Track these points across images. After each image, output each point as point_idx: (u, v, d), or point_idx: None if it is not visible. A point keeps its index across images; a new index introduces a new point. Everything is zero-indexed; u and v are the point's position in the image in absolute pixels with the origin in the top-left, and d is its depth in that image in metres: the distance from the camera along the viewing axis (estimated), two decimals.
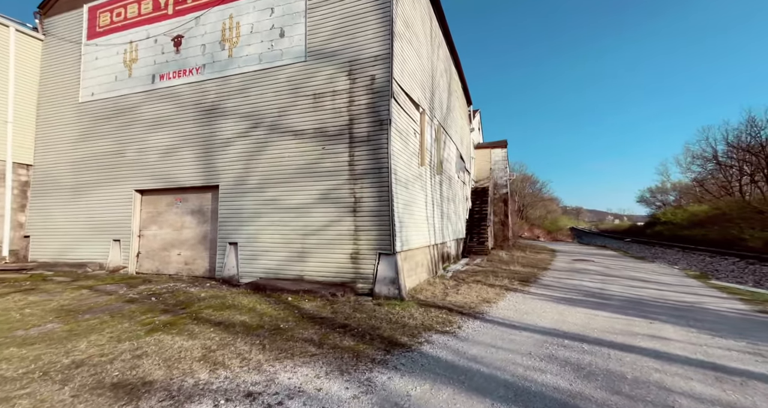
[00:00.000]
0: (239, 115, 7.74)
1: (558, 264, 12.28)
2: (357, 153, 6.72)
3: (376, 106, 6.64)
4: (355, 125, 6.78)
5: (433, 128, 10.01)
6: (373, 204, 6.53)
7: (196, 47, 8.35)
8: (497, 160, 22.27)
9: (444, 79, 11.77)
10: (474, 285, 7.70)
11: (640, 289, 7.68)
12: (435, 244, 9.72)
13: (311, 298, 5.91)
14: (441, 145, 11.17)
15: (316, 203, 6.94)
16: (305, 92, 7.21)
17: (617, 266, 12.15)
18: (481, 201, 18.09)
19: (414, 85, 8.14)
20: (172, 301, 5.57)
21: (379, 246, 6.41)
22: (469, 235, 16.31)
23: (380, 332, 4.21)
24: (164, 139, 8.48)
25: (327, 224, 6.82)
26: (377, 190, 6.52)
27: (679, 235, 25.98)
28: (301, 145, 7.15)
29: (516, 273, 9.67)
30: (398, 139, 6.94)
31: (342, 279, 6.60)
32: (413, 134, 8.05)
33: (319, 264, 6.80)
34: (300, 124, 7.19)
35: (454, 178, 13.86)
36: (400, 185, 6.93)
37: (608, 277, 9.49)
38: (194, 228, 8.28)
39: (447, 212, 12.05)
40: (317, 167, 6.99)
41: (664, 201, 46.24)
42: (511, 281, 8.31)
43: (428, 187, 9.34)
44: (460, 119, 15.43)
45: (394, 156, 6.61)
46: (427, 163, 9.34)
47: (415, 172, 8.13)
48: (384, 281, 6.26)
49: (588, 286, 7.92)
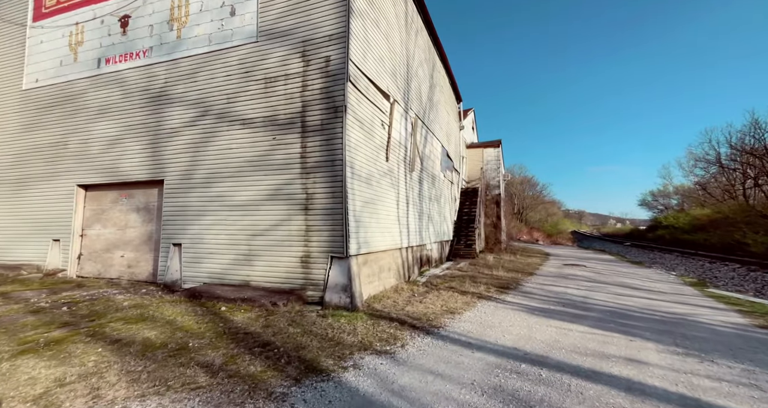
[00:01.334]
0: (187, 103, 7.11)
1: (546, 269, 11.64)
2: (309, 144, 6.09)
3: (331, 91, 6.01)
4: (308, 113, 6.15)
5: (408, 121, 9.39)
6: (326, 201, 5.90)
7: (144, 28, 7.71)
8: (489, 160, 21.66)
9: (424, 70, 11.16)
10: (445, 292, 7.06)
11: (628, 299, 7.05)
12: (409, 247, 9.08)
13: (248, 308, 5.27)
14: (420, 141, 10.55)
15: (265, 200, 6.31)
16: (256, 76, 6.58)
17: (609, 272, 11.52)
18: (471, 202, 17.46)
19: (382, 72, 7.52)
20: (84, 312, 4.91)
21: (332, 248, 5.77)
22: (456, 238, 15.67)
23: (304, 353, 3.57)
24: (109, 129, 7.84)
25: (276, 223, 6.18)
26: (330, 185, 5.89)
27: (680, 239, 25.38)
28: (250, 136, 6.52)
29: (497, 278, 9.02)
30: (357, 129, 6.32)
31: (291, 285, 5.96)
32: (380, 126, 7.43)
33: (266, 268, 6.16)
34: (250, 111, 6.56)
35: (439, 176, 13.24)
36: (360, 180, 6.30)
37: (597, 283, 8.85)
38: (139, 227, 7.63)
39: (428, 213, 11.42)
40: (267, 160, 6.35)
41: (666, 204, 45.65)
42: (488, 288, 7.67)
43: (401, 184, 8.71)
44: (447, 115, 14.81)
45: (350, 147, 5.98)
46: (400, 159, 8.71)
47: (382, 168, 7.49)
48: (335, 288, 5.62)
49: (571, 295, 7.28)
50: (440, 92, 13.56)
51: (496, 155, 21.66)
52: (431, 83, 12.08)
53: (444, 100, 14.30)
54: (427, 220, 11.29)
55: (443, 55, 13.79)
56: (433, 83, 12.39)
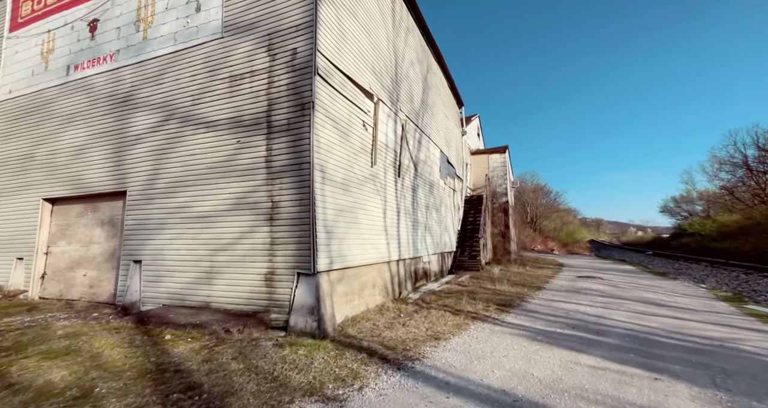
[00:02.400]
0: (152, 107, 6.64)
1: (557, 282, 10.64)
2: (275, 145, 5.47)
3: (298, 87, 5.42)
4: (274, 111, 5.56)
5: (397, 123, 8.76)
6: (292, 209, 5.23)
7: (111, 31, 7.36)
8: (495, 167, 20.82)
9: (416, 71, 10.58)
10: (436, 311, 6.23)
11: (651, 319, 6.09)
12: (400, 260, 8.30)
13: (198, 335, 4.57)
14: (413, 144, 9.88)
15: (228, 210, 5.69)
16: (221, 75, 6.07)
17: (629, 285, 10.45)
18: (476, 210, 16.58)
19: (363, 69, 6.94)
20: (7, 344, 4.29)
21: (299, 264, 5.07)
22: (460, 249, 14.78)
23: (230, 402, 2.84)
24: (76, 139, 7.42)
25: (239, 236, 5.53)
26: (297, 191, 5.23)
27: (707, 247, 23.78)
28: (214, 139, 5.96)
29: (499, 294, 8.13)
30: (331, 128, 5.69)
31: (254, 307, 5.26)
32: (361, 127, 6.80)
33: (228, 288, 5.48)
34: (215, 113, 6.02)
35: (438, 183, 12.50)
36: (333, 186, 5.64)
37: (614, 299, 7.87)
38: (103, 243, 7.09)
39: (426, 222, 10.65)
40: (231, 165, 5.76)
41: (691, 211, 43.54)
42: (487, 306, 6.80)
43: (390, 191, 8.01)
44: (446, 119, 14.16)
45: (321, 149, 5.34)
46: (388, 163, 8.04)
47: (364, 173, 6.83)
48: (301, 311, 4.89)
49: (583, 314, 6.36)
50: (437, 95, 12.95)
51: (502, 161, 20.81)
52: (425, 85, 11.49)
53: (442, 104, 13.68)
54: (424, 230, 10.52)
55: (440, 57, 13.24)
56: (428, 85, 11.79)
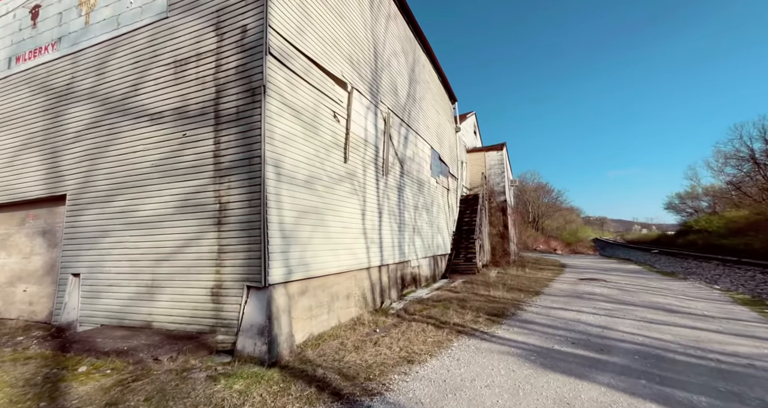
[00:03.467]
0: (94, 100, 5.96)
1: (558, 285, 9.92)
2: (224, 138, 4.79)
3: (248, 69, 4.74)
4: (222, 99, 4.88)
5: (378, 117, 8.08)
6: (242, 212, 4.54)
7: (53, 17, 6.70)
8: (492, 164, 20.14)
9: (400, 62, 9.91)
10: (417, 325, 5.52)
11: (662, 329, 5.37)
12: (383, 266, 7.60)
13: (120, 365, 3.86)
14: (398, 140, 9.21)
15: (172, 213, 4.99)
16: (165, 60, 5.39)
17: (636, 287, 9.72)
18: (471, 210, 15.88)
19: (334, 54, 6.28)
20: None
21: (249, 275, 4.37)
22: (455, 251, 14.07)
23: None
24: (14, 139, 6.75)
25: (184, 244, 4.83)
26: (247, 190, 4.54)
27: (715, 244, 23.03)
28: (158, 133, 5.28)
29: (493, 301, 7.42)
30: (289, 118, 5.01)
31: (199, 327, 4.55)
32: (331, 118, 6.12)
33: (171, 303, 4.78)
34: (159, 103, 5.34)
35: (429, 182, 11.82)
36: (293, 184, 4.95)
37: (620, 305, 7.15)
38: (44, 254, 6.40)
39: (414, 224, 9.96)
40: (176, 162, 5.08)
41: (696, 207, 42.77)
42: (477, 316, 6.09)
43: (369, 191, 7.32)
44: (437, 115, 13.49)
45: (275, 141, 4.66)
46: (367, 160, 7.36)
47: (337, 171, 6.15)
48: (250, 331, 4.18)
49: (585, 324, 5.65)
50: (426, 90, 12.29)
51: (499, 159, 20.14)
52: (412, 78, 10.82)
53: (432, 99, 13.02)
54: (412, 232, 9.82)
55: (429, 50, 12.60)
56: (415, 78, 11.13)
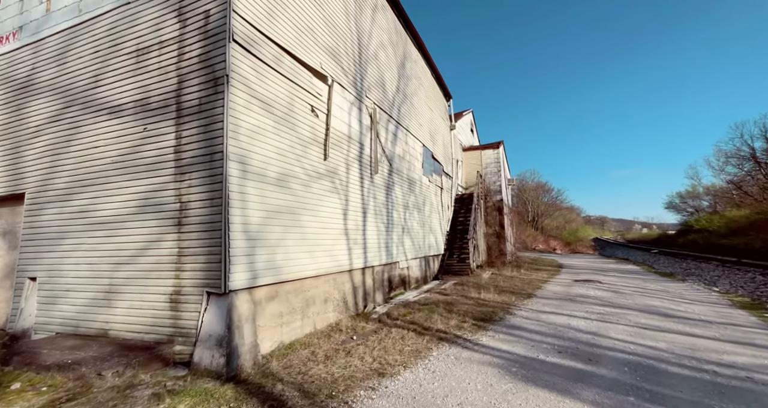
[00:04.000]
0: (54, 92, 5.63)
1: (551, 287, 9.61)
2: (186, 132, 4.47)
3: (210, 57, 4.42)
4: (184, 90, 4.56)
5: (363, 112, 7.76)
6: (203, 212, 4.22)
7: (14, 5, 6.37)
8: (489, 163, 19.83)
9: (388, 55, 9.58)
10: (398, 331, 5.22)
11: (657, 335, 5.07)
12: (367, 268, 7.30)
13: (60, 381, 3.54)
14: (387, 137, 8.89)
15: (133, 213, 4.67)
16: (127, 48, 5.07)
17: (631, 289, 9.42)
18: (466, 210, 15.58)
19: (310, 44, 5.95)
20: None
21: (209, 281, 4.06)
22: (448, 251, 13.77)
23: None
24: None
25: (144, 246, 4.51)
26: (209, 188, 4.23)
27: (716, 244, 22.75)
28: (119, 127, 4.95)
29: (483, 304, 7.11)
30: (258, 111, 4.69)
31: (157, 336, 4.24)
32: (308, 112, 5.80)
33: (129, 311, 4.46)
34: (120, 95, 5.01)
35: (421, 181, 11.51)
36: (261, 182, 4.63)
37: (613, 309, 6.85)
38: (4, 256, 6.06)
39: (404, 224, 9.65)
40: (137, 158, 4.75)
41: (697, 207, 42.47)
42: (463, 321, 5.79)
43: (353, 189, 7.01)
44: (430, 112, 13.17)
45: (240, 135, 4.34)
46: (351, 157, 7.05)
47: (316, 168, 5.83)
48: (208, 342, 3.87)
49: (575, 331, 5.34)
50: (418, 86, 11.96)
51: (496, 157, 19.83)
52: (402, 73, 10.50)
53: (425, 96, 12.69)
54: (402, 232, 9.51)
55: (421, 45, 12.27)
56: (405, 74, 10.81)
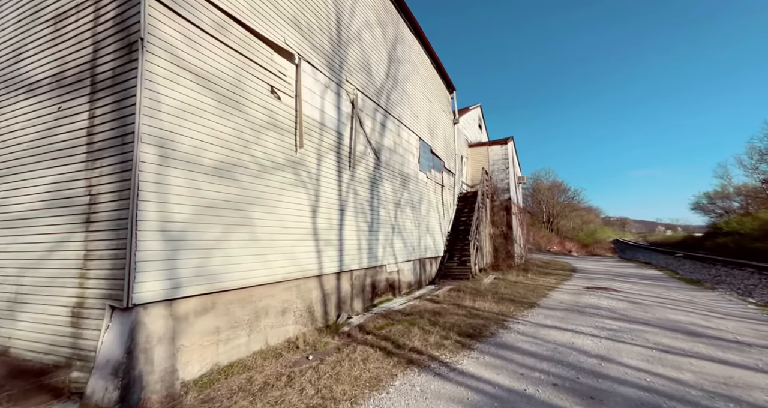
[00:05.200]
0: None
1: (559, 295, 8.60)
2: (99, 110, 3.74)
3: (126, 19, 3.67)
4: (99, 59, 3.83)
5: (342, 97, 6.95)
6: (112, 206, 3.48)
7: None
8: (496, 160, 18.75)
9: (376, 36, 8.74)
10: (364, 350, 4.38)
11: (681, 362, 4.09)
12: (342, 272, 6.49)
13: None
14: (373, 127, 8.07)
15: (44, 208, 3.97)
16: (46, 15, 4.38)
17: (651, 299, 8.33)
18: (470, 209, 14.60)
19: (268, 12, 5.17)
20: None
21: (113, 291, 3.31)
22: (449, 253, 12.85)
23: None
24: None
25: (52, 247, 3.80)
26: (119, 178, 3.48)
27: (748, 248, 21.10)
28: (35, 107, 4.27)
29: (475, 315, 6.20)
30: (190, 85, 3.92)
31: (56, 357, 3.51)
32: (267, 93, 5.02)
33: (32, 325, 3.75)
34: (38, 69, 4.34)
35: (416, 176, 10.64)
36: (192, 170, 3.86)
37: (629, 323, 5.84)
38: None
39: (393, 223, 8.81)
40: (51, 142, 4.06)
41: (727, 208, 40.13)
42: (445, 337, 4.90)
43: (326, 183, 6.20)
44: (428, 103, 12.27)
45: (161, 113, 3.58)
46: (325, 148, 6.27)
47: (274, 157, 5.05)
48: (104, 370, 3.11)
49: (579, 351, 4.40)
50: (413, 72, 11.08)
51: (503, 154, 18.73)
52: (393, 57, 9.65)
53: (422, 84, 11.80)
54: (391, 232, 8.67)
55: (418, 29, 11.36)
56: (398, 58, 9.95)
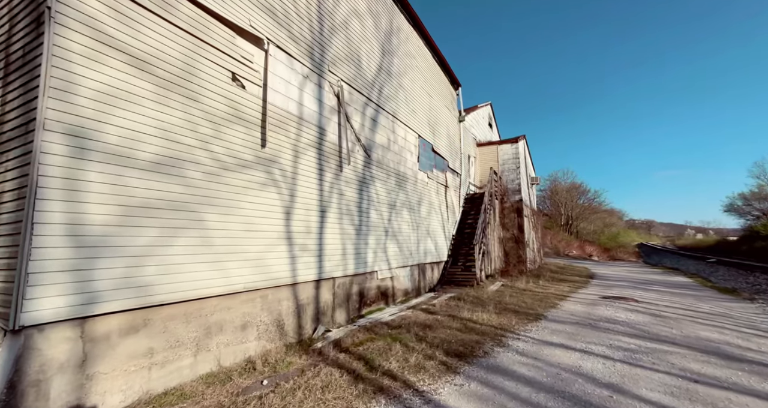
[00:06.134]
0: None
1: (570, 306, 7.70)
2: (10, 94, 3.28)
3: None
4: (14, 36, 3.38)
5: (324, 89, 6.39)
6: (11, 207, 2.99)
7: None
8: (506, 159, 17.84)
9: (367, 25, 8.17)
10: (329, 374, 3.73)
11: (717, 396, 3.26)
12: (323, 280, 5.88)
13: None
14: (363, 122, 7.49)
15: None
16: None
17: (679, 311, 7.34)
18: (477, 211, 13.77)
19: None
20: None
21: (3, 309, 2.80)
22: (453, 258, 12.06)
23: None
24: None
25: None
26: (19, 173, 2.99)
27: None
28: None
29: (470, 329, 5.45)
30: (120, 67, 3.41)
31: None
32: (226, 81, 4.50)
33: None
34: None
35: (415, 176, 9.98)
36: (121, 165, 3.33)
37: (650, 342, 4.97)
38: None
39: (389, 226, 8.18)
40: None
41: (765, 209, 37.51)
42: (429, 356, 4.20)
43: (303, 182, 5.64)
44: (428, 98, 11.61)
45: (77, 96, 3.08)
46: (303, 144, 5.73)
47: (234, 153, 4.51)
48: None
49: (587, 377, 3.62)
50: (411, 66, 10.45)
51: (514, 153, 17.80)
52: (387, 48, 9.06)
53: (422, 79, 11.17)
54: (384, 236, 8.02)
55: (416, 19, 10.76)
56: (392, 50, 9.35)
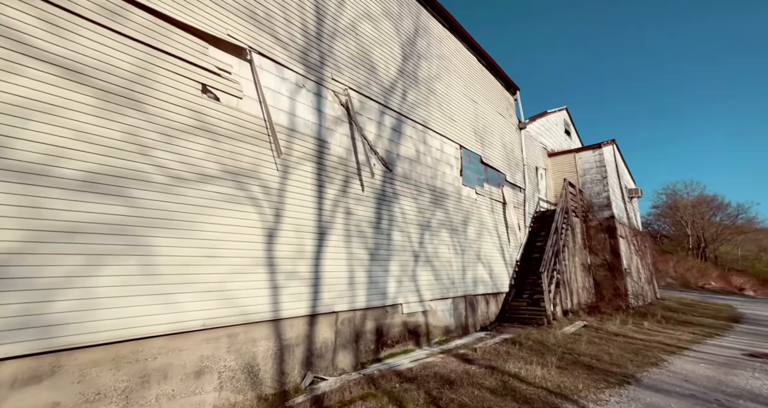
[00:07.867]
0: None
1: (684, 365, 5.35)
2: None
3: None
4: None
5: (325, 98, 5.88)
6: None
7: None
8: (587, 169, 15.19)
9: (384, 28, 7.61)
10: None
11: None
12: (319, 314, 5.05)
13: None
14: (379, 132, 6.79)
15: None
16: None
17: None
18: (546, 232, 11.61)
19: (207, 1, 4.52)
20: None
21: None
22: (516, 289, 10.11)
23: None
24: None
25: None
26: None
27: None
28: None
29: (509, 392, 3.94)
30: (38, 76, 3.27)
31: None
32: (194, 92, 4.23)
33: None
34: None
35: (459, 193, 8.79)
36: (27, 183, 3.08)
37: None
38: None
39: (419, 249, 7.13)
40: None
41: None
42: None
43: (293, 199, 5.03)
44: (471, 104, 10.42)
45: None
46: (295, 158, 5.20)
47: (203, 169, 4.11)
48: None
49: None
50: (445, 70, 9.51)
51: (597, 161, 15.09)
52: (411, 51, 8.34)
53: (461, 83, 10.12)
54: (413, 261, 6.92)
55: (453, 22, 9.99)
56: (417, 52, 8.58)
